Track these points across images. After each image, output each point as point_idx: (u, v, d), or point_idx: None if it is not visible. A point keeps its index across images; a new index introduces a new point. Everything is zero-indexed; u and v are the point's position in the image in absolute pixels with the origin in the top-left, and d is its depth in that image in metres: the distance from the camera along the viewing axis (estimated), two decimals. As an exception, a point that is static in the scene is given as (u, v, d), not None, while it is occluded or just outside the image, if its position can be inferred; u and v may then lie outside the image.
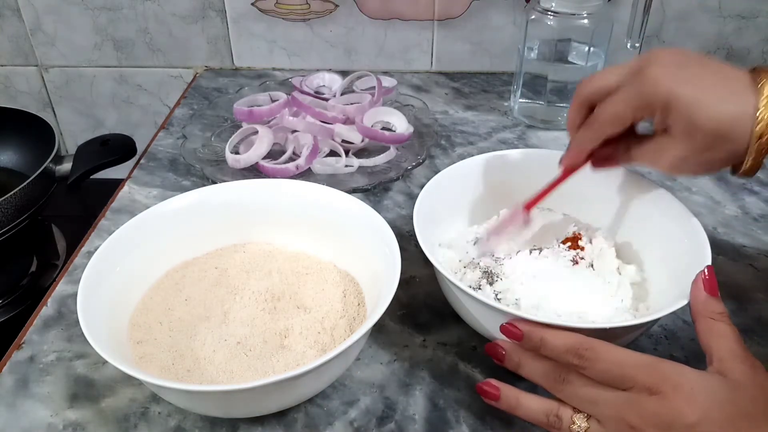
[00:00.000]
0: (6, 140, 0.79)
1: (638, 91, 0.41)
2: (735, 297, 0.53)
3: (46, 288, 0.58)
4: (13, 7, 0.89)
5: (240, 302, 0.49)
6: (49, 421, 0.44)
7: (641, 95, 0.41)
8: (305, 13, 0.88)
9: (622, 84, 0.43)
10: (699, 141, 0.41)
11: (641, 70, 0.41)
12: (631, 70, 0.42)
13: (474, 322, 0.46)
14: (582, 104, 0.46)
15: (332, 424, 0.44)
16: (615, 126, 0.44)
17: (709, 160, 0.42)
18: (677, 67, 0.41)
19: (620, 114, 0.43)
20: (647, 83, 0.41)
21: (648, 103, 0.41)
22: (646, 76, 0.41)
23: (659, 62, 0.41)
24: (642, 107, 0.42)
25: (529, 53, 0.75)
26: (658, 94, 0.40)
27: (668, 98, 0.40)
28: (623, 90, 0.42)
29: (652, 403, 0.35)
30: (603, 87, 0.44)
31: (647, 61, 0.41)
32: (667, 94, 0.40)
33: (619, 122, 0.43)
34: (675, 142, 0.42)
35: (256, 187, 0.54)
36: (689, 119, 0.40)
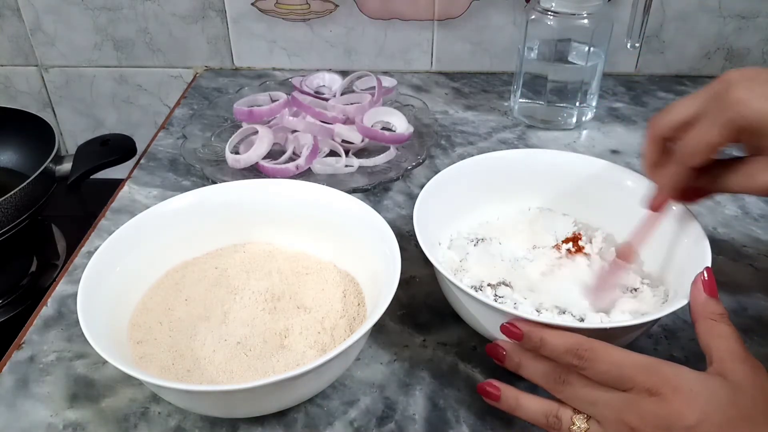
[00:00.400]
0: (6, 140, 0.79)
1: (725, 115, 0.39)
2: (735, 297, 0.53)
3: (46, 288, 0.58)
4: (13, 7, 0.89)
5: (240, 302, 0.49)
6: (49, 421, 0.44)
7: (729, 120, 0.39)
8: (305, 13, 0.88)
9: (702, 112, 0.40)
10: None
11: (722, 95, 0.39)
12: (710, 97, 0.40)
13: (474, 322, 0.46)
14: (658, 141, 0.44)
15: (332, 424, 0.44)
16: (703, 155, 0.41)
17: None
18: (759, 84, 0.38)
19: (709, 141, 0.40)
20: (733, 106, 0.38)
21: (738, 126, 0.39)
22: (731, 99, 0.39)
23: (739, 82, 0.39)
24: (732, 132, 0.39)
25: (529, 53, 0.75)
26: (748, 116, 0.38)
27: (759, 118, 0.38)
28: (707, 117, 0.40)
29: (651, 405, 0.35)
30: (679, 119, 0.42)
31: (726, 84, 0.39)
32: (757, 114, 0.38)
33: (707, 150, 0.41)
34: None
35: (256, 187, 0.54)
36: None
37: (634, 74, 0.90)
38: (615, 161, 0.55)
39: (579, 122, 0.77)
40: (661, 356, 0.47)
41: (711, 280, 0.41)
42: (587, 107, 0.77)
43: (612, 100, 0.84)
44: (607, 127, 0.78)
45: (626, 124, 0.79)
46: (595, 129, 0.78)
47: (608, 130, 0.78)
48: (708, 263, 0.43)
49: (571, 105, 0.76)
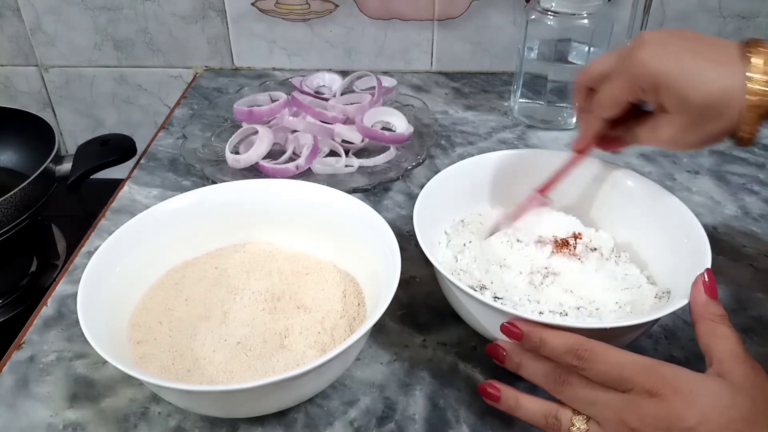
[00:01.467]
0: (6, 140, 0.79)
1: (628, 73, 0.43)
2: (735, 297, 0.53)
3: (46, 288, 0.58)
4: (13, 7, 0.89)
5: (240, 302, 0.49)
6: (49, 421, 0.44)
7: (631, 77, 0.43)
8: (305, 13, 0.88)
9: (615, 68, 0.44)
10: (692, 115, 0.41)
11: (630, 53, 0.43)
12: (622, 54, 0.44)
13: (474, 322, 0.46)
14: (583, 89, 0.48)
15: (332, 424, 0.44)
16: (611, 109, 0.45)
17: (706, 133, 0.42)
18: (663, 45, 0.42)
19: (614, 97, 0.44)
20: (635, 65, 0.42)
21: (638, 84, 0.42)
22: (634, 58, 0.42)
23: (646, 43, 0.42)
24: (633, 89, 0.43)
25: (529, 53, 0.75)
26: (647, 74, 0.42)
27: (656, 77, 0.41)
28: (615, 74, 0.44)
29: (651, 406, 0.35)
30: (599, 72, 0.46)
31: (635, 44, 0.43)
32: (654, 72, 0.41)
33: (614, 105, 0.45)
34: (670, 118, 0.43)
35: (256, 187, 0.54)
36: (679, 94, 0.41)
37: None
38: (615, 161, 0.55)
39: (579, 122, 0.77)
40: (661, 356, 0.48)
41: (711, 281, 0.41)
42: (587, 107, 0.77)
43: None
44: (607, 127, 0.78)
45: (626, 124, 0.79)
46: (595, 129, 0.78)
47: (608, 130, 0.78)
48: (708, 263, 0.43)
49: (571, 105, 0.76)
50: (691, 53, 0.41)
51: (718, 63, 0.40)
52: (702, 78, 0.40)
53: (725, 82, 0.40)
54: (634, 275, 0.50)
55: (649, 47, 0.42)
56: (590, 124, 0.48)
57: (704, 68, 0.40)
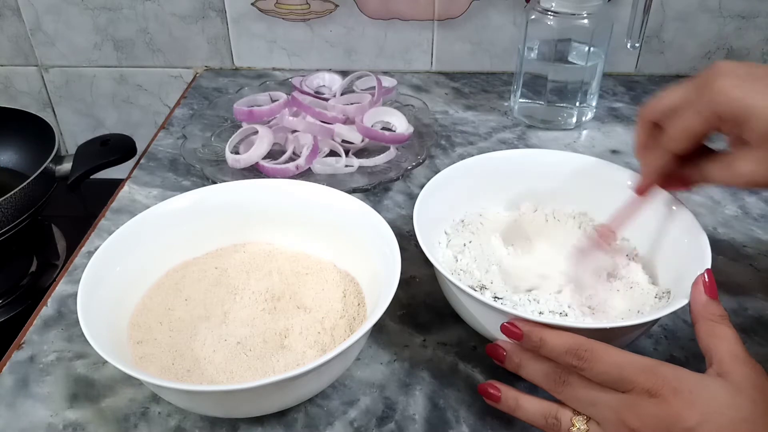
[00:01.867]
0: (6, 140, 0.79)
1: (708, 103, 0.40)
2: (735, 297, 0.53)
3: (46, 288, 0.58)
4: (13, 7, 0.89)
5: (240, 302, 0.49)
6: (49, 421, 0.44)
7: (711, 107, 0.40)
8: (305, 13, 0.88)
9: (688, 100, 0.42)
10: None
11: (708, 83, 0.40)
12: (697, 85, 0.41)
13: (474, 322, 0.46)
14: (647, 124, 0.45)
15: (332, 424, 0.44)
16: (685, 141, 0.42)
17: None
18: (745, 77, 0.40)
19: (690, 128, 0.41)
20: (717, 94, 0.40)
21: (719, 114, 0.40)
22: (715, 88, 0.40)
23: (726, 73, 0.40)
24: (712, 120, 0.40)
25: (529, 53, 0.75)
26: (730, 105, 0.39)
27: (741, 108, 0.39)
28: (691, 104, 0.41)
29: (651, 406, 0.35)
30: (668, 105, 0.43)
31: (713, 74, 0.40)
32: (739, 103, 0.39)
33: (689, 137, 0.42)
34: (750, 153, 0.40)
35: (256, 187, 0.54)
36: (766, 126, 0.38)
37: (634, 74, 0.90)
38: (615, 161, 0.55)
39: (579, 122, 0.77)
40: (661, 356, 0.48)
41: (711, 281, 0.41)
42: (587, 107, 0.77)
43: (612, 100, 0.84)
44: (607, 127, 0.78)
45: (626, 124, 0.79)
46: (595, 129, 0.78)
47: (608, 130, 0.78)
48: (708, 263, 0.43)
49: (571, 105, 0.76)
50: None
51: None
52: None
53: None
54: (637, 275, 0.50)
55: (729, 77, 0.40)
56: (654, 160, 0.45)
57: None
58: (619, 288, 0.49)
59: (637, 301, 0.48)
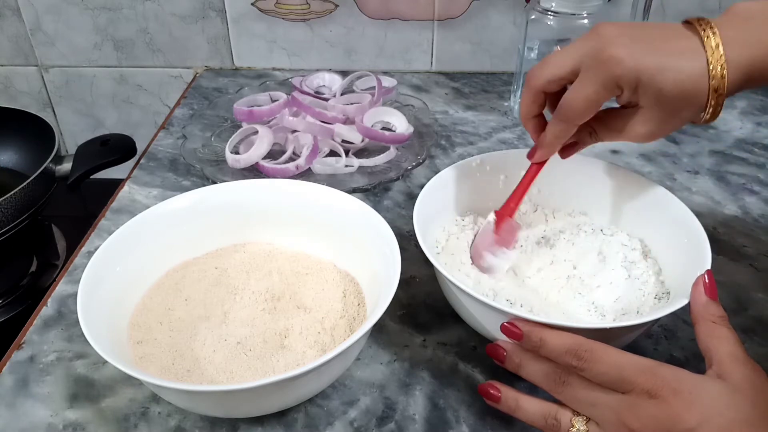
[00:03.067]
0: (6, 140, 0.79)
1: (606, 73, 0.41)
2: (735, 297, 0.53)
3: (46, 288, 0.58)
4: (13, 7, 0.89)
5: (240, 302, 0.49)
6: (49, 421, 0.44)
7: (611, 77, 0.41)
8: (305, 13, 0.88)
9: (581, 69, 0.42)
10: (669, 107, 0.41)
11: (600, 52, 0.41)
12: (586, 53, 0.42)
13: (474, 322, 0.46)
14: (537, 93, 0.46)
15: (332, 424, 0.44)
16: (588, 113, 0.43)
17: (678, 121, 0.43)
18: (634, 41, 0.41)
19: (593, 99, 0.42)
20: (613, 64, 0.40)
21: (618, 83, 0.41)
22: (610, 57, 0.40)
23: (615, 40, 0.41)
24: (612, 88, 0.41)
25: (529, 53, 0.75)
26: (628, 73, 0.40)
27: (638, 74, 0.40)
28: (587, 75, 0.42)
29: (651, 407, 0.35)
30: (557, 74, 0.44)
31: (602, 42, 0.41)
32: (635, 70, 0.40)
33: (592, 108, 0.43)
34: (646, 113, 0.42)
35: (256, 187, 0.54)
36: (658, 89, 0.40)
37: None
38: (615, 161, 0.56)
39: (579, 122, 0.77)
40: (661, 356, 0.48)
41: (712, 282, 0.41)
42: (587, 107, 0.77)
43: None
44: (607, 127, 0.78)
45: (626, 124, 0.79)
46: (595, 129, 0.78)
47: (608, 130, 0.77)
48: (708, 263, 0.43)
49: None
50: (660, 45, 0.41)
51: (685, 51, 0.40)
52: (675, 70, 0.40)
53: (694, 69, 0.40)
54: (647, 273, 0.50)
55: (619, 44, 0.40)
56: (558, 132, 0.45)
57: (676, 59, 0.40)
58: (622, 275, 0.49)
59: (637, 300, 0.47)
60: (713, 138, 0.76)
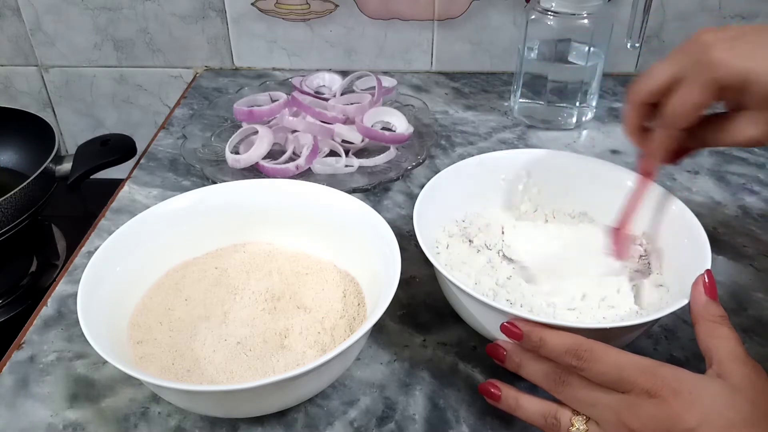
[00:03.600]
0: (6, 140, 0.79)
1: (708, 76, 0.40)
2: (735, 297, 0.53)
3: (46, 288, 0.58)
4: (13, 7, 0.89)
5: (240, 302, 0.49)
6: (49, 421, 0.44)
7: (714, 80, 0.40)
8: (305, 13, 0.88)
9: (683, 76, 0.42)
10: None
11: (702, 56, 0.40)
12: (688, 60, 0.41)
13: (474, 322, 0.46)
14: (640, 106, 0.45)
15: (332, 424, 0.44)
16: (691, 116, 0.42)
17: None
18: (736, 43, 0.40)
19: (695, 103, 0.41)
20: (715, 67, 0.40)
21: (721, 85, 0.40)
22: (712, 60, 0.40)
23: (717, 44, 0.40)
24: (715, 92, 0.41)
25: (529, 53, 0.75)
26: (732, 75, 0.40)
27: (742, 75, 0.39)
28: (690, 79, 0.41)
29: (651, 407, 0.35)
30: (660, 84, 0.43)
31: (703, 46, 0.41)
32: (739, 72, 0.39)
33: (694, 111, 0.42)
34: (754, 116, 0.41)
35: (256, 187, 0.54)
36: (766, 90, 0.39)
37: (634, 74, 0.90)
38: (615, 161, 0.55)
39: (579, 122, 0.77)
40: (661, 356, 0.48)
41: (712, 282, 0.41)
42: (587, 107, 0.77)
43: (612, 100, 0.84)
44: (607, 127, 0.78)
45: (626, 124, 0.79)
46: (595, 129, 0.78)
47: (608, 130, 0.78)
48: (708, 263, 0.43)
49: (571, 105, 0.76)
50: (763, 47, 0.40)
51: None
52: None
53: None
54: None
55: (721, 46, 0.40)
56: (661, 141, 0.45)
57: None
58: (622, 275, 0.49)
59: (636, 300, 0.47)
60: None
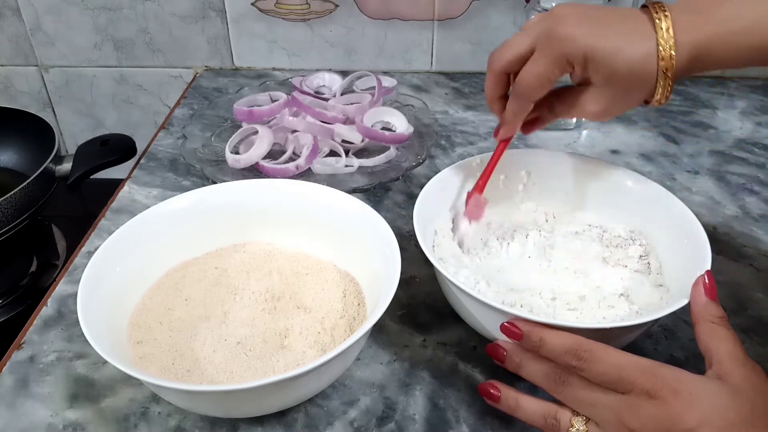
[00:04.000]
0: (6, 140, 0.79)
1: (557, 51, 0.42)
2: (735, 297, 0.53)
3: (46, 288, 0.58)
4: (13, 7, 0.89)
5: (240, 302, 0.49)
6: (49, 421, 0.44)
7: (561, 55, 0.42)
8: (305, 13, 0.88)
9: (536, 46, 0.44)
10: (620, 86, 0.43)
11: (552, 30, 0.42)
12: (541, 32, 0.43)
13: (474, 322, 0.46)
14: (499, 75, 0.47)
15: (332, 424, 0.44)
16: (542, 89, 0.45)
17: (629, 101, 0.44)
18: (586, 21, 0.42)
19: (544, 76, 0.44)
20: (563, 42, 0.42)
21: (568, 60, 0.42)
22: (560, 35, 0.42)
23: (567, 19, 0.42)
24: (563, 65, 0.43)
25: (529, 53, 0.75)
26: (577, 50, 0.42)
27: (586, 52, 0.41)
28: (540, 53, 0.43)
29: (651, 408, 0.35)
30: (516, 54, 0.45)
31: (554, 21, 0.43)
32: (584, 48, 0.41)
33: (545, 84, 0.45)
34: (597, 92, 0.44)
35: (256, 187, 0.54)
36: (609, 68, 0.42)
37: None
38: (615, 161, 0.56)
39: (579, 122, 0.77)
40: (661, 356, 0.48)
41: (712, 283, 0.41)
42: (587, 107, 0.77)
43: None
44: (607, 127, 0.78)
45: (626, 124, 0.79)
46: (595, 129, 0.78)
47: (608, 130, 0.78)
48: (708, 264, 0.43)
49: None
50: (613, 27, 0.42)
51: (636, 33, 0.41)
52: (626, 49, 0.41)
53: (644, 50, 0.41)
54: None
55: (571, 22, 0.42)
56: (517, 109, 0.47)
57: (627, 40, 0.41)
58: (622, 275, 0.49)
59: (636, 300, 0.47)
60: (713, 138, 0.76)
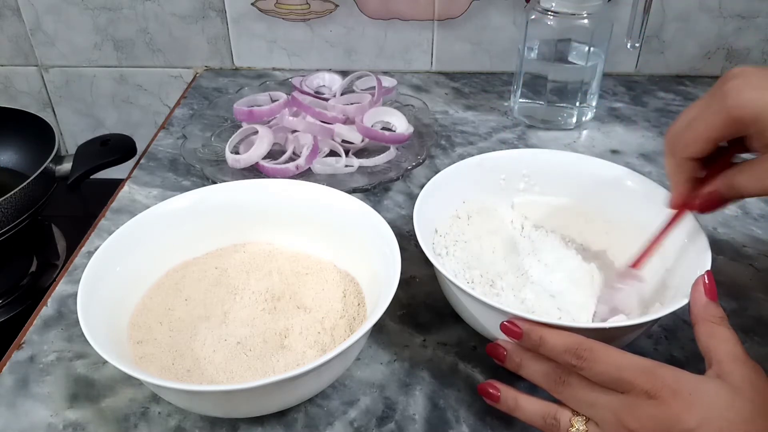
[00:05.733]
0: (6, 140, 0.79)
1: (720, 104, 0.38)
2: (735, 297, 0.53)
3: (46, 288, 0.58)
4: (13, 7, 0.89)
5: (240, 302, 0.49)
6: (49, 421, 0.44)
7: (723, 109, 0.38)
8: (305, 13, 0.88)
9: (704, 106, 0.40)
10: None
11: (721, 86, 0.39)
12: (712, 92, 0.40)
13: (474, 321, 0.46)
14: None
15: (332, 424, 0.44)
16: (699, 144, 0.40)
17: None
18: (758, 79, 0.38)
19: (704, 131, 0.39)
20: (728, 96, 0.38)
21: (733, 116, 0.38)
22: (725, 90, 0.38)
23: (737, 75, 0.38)
24: (727, 122, 0.38)
25: (529, 53, 0.75)
26: (743, 106, 0.37)
27: (756, 109, 0.37)
28: (705, 109, 0.40)
29: (650, 408, 0.35)
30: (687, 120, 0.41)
31: (726, 77, 0.39)
32: (753, 104, 0.37)
33: (704, 140, 0.40)
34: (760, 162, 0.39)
35: (256, 187, 0.54)
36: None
37: (634, 74, 0.90)
38: (615, 161, 0.55)
39: (579, 122, 0.77)
40: (661, 356, 0.48)
41: (711, 283, 0.41)
42: (587, 107, 0.77)
43: (612, 100, 0.84)
44: (607, 127, 0.78)
45: (626, 124, 0.79)
46: (595, 129, 0.78)
47: (608, 130, 0.78)
48: (708, 264, 0.43)
49: (571, 105, 0.76)
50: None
51: None
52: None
53: None
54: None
55: (740, 78, 0.38)
56: (669, 167, 0.43)
57: None
58: None
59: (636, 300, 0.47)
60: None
